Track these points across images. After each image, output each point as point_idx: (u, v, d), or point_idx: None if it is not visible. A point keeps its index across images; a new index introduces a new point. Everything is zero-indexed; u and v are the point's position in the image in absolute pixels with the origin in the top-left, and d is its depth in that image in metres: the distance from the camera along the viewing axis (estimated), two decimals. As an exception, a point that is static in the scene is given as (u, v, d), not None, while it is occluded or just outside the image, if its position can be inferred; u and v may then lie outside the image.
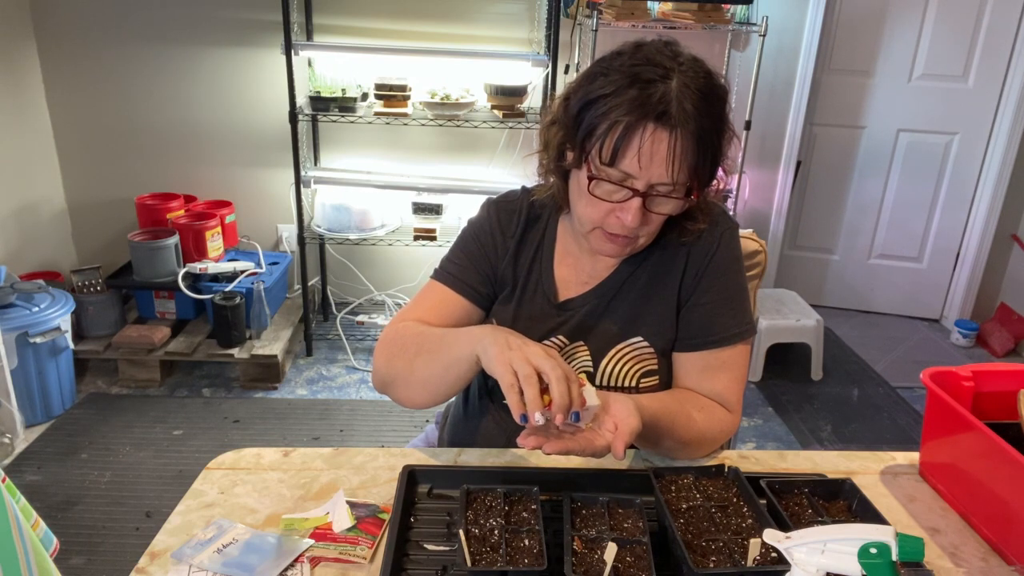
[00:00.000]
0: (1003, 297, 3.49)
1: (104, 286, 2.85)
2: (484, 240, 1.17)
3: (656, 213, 1.00)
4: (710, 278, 1.10)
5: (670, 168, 0.94)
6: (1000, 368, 1.04)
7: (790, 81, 3.29)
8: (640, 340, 1.12)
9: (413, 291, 3.40)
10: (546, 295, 1.15)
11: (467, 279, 1.15)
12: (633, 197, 0.97)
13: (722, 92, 0.97)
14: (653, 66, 0.94)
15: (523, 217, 1.17)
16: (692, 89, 0.93)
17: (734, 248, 1.13)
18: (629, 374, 1.12)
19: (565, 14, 2.96)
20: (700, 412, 1.07)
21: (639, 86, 0.93)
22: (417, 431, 2.59)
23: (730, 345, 1.09)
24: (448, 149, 3.22)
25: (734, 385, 1.11)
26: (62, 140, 3.14)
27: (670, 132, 0.92)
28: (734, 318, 1.10)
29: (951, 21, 3.21)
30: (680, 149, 0.93)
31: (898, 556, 0.69)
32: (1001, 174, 3.31)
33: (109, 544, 2.01)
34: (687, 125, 0.93)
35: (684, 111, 0.92)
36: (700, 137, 0.94)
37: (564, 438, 0.88)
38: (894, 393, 2.99)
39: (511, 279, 1.16)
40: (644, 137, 0.93)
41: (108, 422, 2.56)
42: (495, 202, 1.19)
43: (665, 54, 0.96)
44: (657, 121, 0.92)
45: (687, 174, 0.95)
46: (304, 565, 0.85)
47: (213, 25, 3.02)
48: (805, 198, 3.59)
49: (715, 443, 1.09)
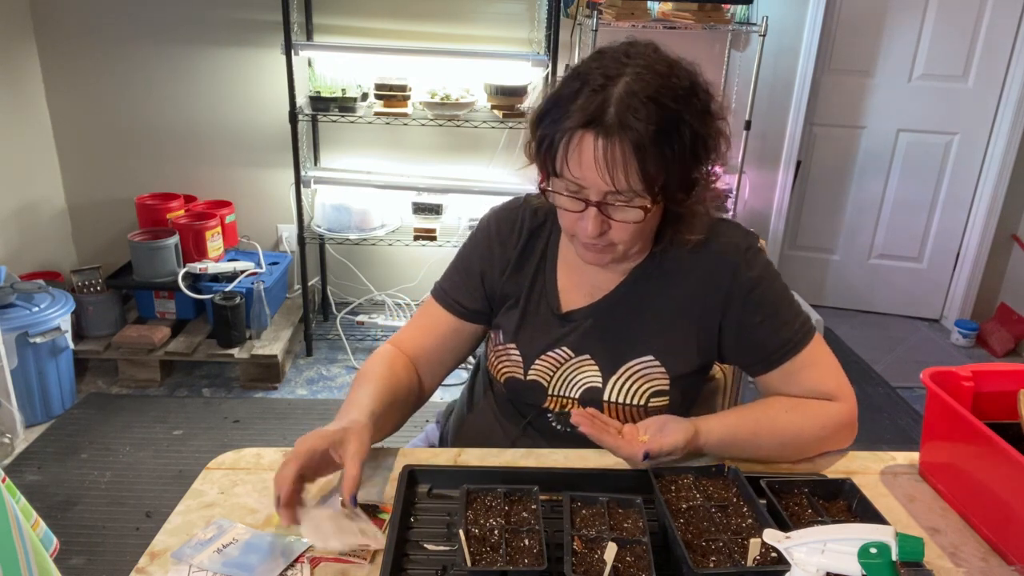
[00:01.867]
0: (1003, 297, 3.49)
1: (104, 286, 2.85)
2: (483, 254, 1.16)
3: (618, 221, 0.97)
4: (753, 298, 1.07)
5: (609, 176, 0.91)
6: (1000, 368, 1.04)
7: (790, 81, 3.29)
8: (651, 359, 1.10)
9: (413, 291, 3.40)
10: (550, 305, 1.14)
11: (458, 297, 1.16)
12: (587, 207, 0.96)
13: (680, 91, 0.93)
14: (602, 71, 0.92)
15: (525, 227, 1.15)
16: (638, 92, 0.90)
17: (762, 260, 1.09)
18: (638, 393, 1.10)
19: (565, 14, 2.96)
20: (790, 412, 1.05)
21: (585, 93, 0.91)
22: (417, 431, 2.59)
23: (798, 352, 1.07)
24: (448, 149, 3.22)
25: (824, 377, 1.07)
26: (62, 140, 3.14)
27: (606, 139, 0.90)
28: (791, 326, 1.07)
29: (951, 21, 3.21)
30: (619, 156, 0.90)
31: (898, 556, 0.69)
32: (1001, 174, 3.31)
33: (109, 544, 2.01)
34: (624, 132, 0.89)
35: (622, 117, 0.89)
36: (640, 144, 0.90)
37: (606, 432, 0.98)
38: (894, 393, 2.99)
39: (515, 290, 1.15)
40: (582, 145, 0.91)
41: (108, 422, 2.56)
42: (495, 213, 1.18)
43: (620, 57, 0.94)
44: (590, 128, 0.90)
45: (639, 180, 0.92)
46: (304, 565, 0.85)
47: (213, 25, 3.02)
48: (805, 198, 3.59)
49: (829, 437, 1.06)
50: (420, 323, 1.18)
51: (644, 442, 0.97)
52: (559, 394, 1.14)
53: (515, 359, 1.15)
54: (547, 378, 1.14)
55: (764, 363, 1.09)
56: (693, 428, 0.99)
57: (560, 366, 1.13)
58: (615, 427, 1.03)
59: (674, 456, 0.97)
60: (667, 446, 0.96)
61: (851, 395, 1.08)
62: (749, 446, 1.03)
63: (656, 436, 0.97)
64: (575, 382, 1.13)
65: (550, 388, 1.14)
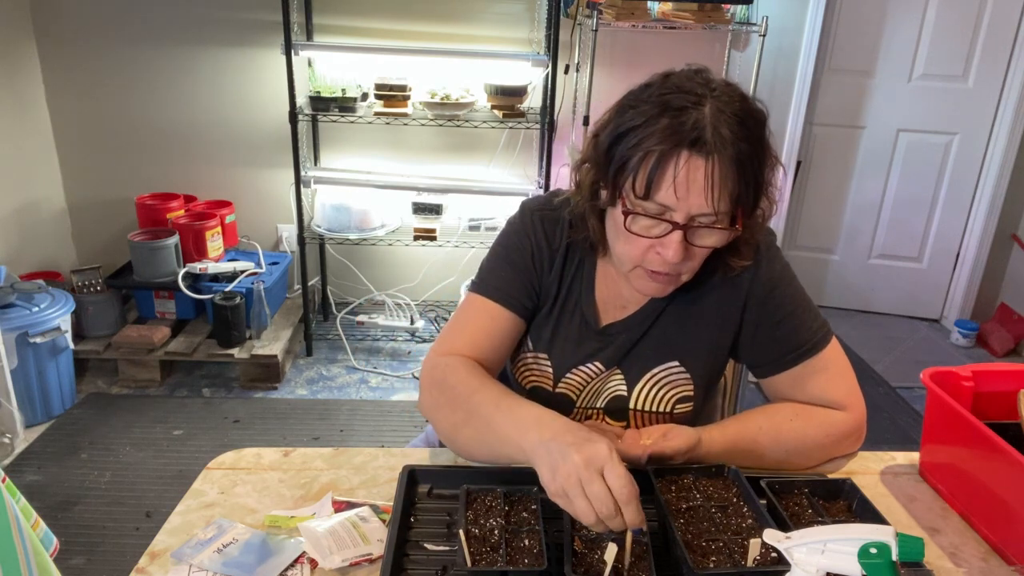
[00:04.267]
0: (1003, 297, 3.49)
1: (104, 286, 2.85)
2: (531, 250, 1.10)
3: (699, 247, 0.95)
4: (775, 296, 1.06)
5: (709, 196, 0.89)
6: (1000, 368, 1.04)
7: (790, 81, 3.29)
8: (676, 365, 1.09)
9: (413, 291, 3.40)
10: (585, 318, 1.11)
11: (514, 292, 1.09)
12: (673, 231, 0.92)
13: (760, 116, 0.93)
14: (684, 93, 0.90)
15: (566, 230, 1.10)
16: (727, 113, 0.89)
17: (781, 258, 1.08)
18: (664, 400, 1.09)
19: (565, 14, 2.96)
20: (795, 420, 1.04)
21: (671, 114, 0.89)
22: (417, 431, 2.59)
23: (814, 354, 1.06)
24: (448, 149, 3.22)
25: (833, 384, 1.06)
26: (62, 140, 3.14)
27: (706, 159, 0.88)
28: (810, 328, 1.06)
29: (951, 21, 3.21)
30: (719, 176, 0.88)
31: (898, 556, 0.69)
32: (1001, 174, 3.31)
33: (109, 544, 2.01)
34: (724, 151, 0.88)
35: (720, 136, 0.88)
36: (739, 162, 0.89)
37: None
38: (894, 393, 2.99)
39: (552, 294, 1.11)
40: (679, 166, 0.88)
41: (108, 422, 2.56)
42: (536, 210, 1.12)
43: (696, 81, 0.92)
44: (692, 148, 0.88)
45: (728, 202, 0.90)
46: (304, 565, 0.85)
47: (213, 25, 3.02)
48: (805, 198, 3.59)
49: (833, 445, 1.05)
50: (477, 325, 1.08)
51: (646, 446, 0.97)
52: (585, 405, 1.14)
53: (545, 370, 1.13)
54: (576, 392, 1.13)
55: (777, 364, 1.07)
56: (696, 436, 0.99)
57: (591, 381, 1.12)
58: (614, 432, 1.03)
59: (675, 461, 0.97)
60: (669, 450, 0.96)
61: (860, 403, 1.07)
62: (753, 455, 1.02)
63: (659, 441, 0.97)
64: (602, 393, 1.12)
65: (578, 401, 1.13)
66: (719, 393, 1.33)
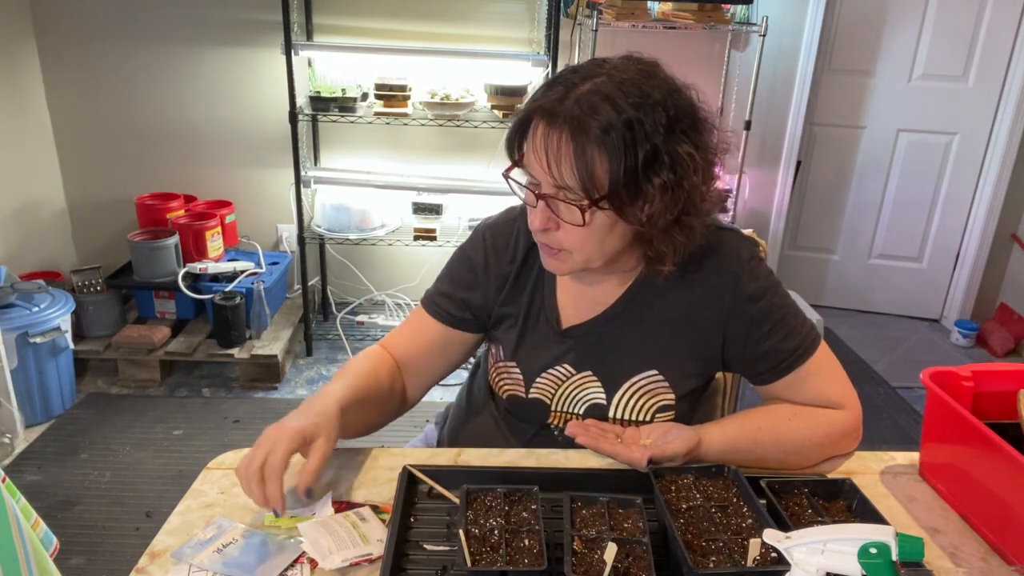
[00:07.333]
0: (1003, 297, 3.49)
1: (104, 286, 2.85)
2: (475, 266, 1.14)
3: (566, 222, 0.95)
4: (759, 309, 1.05)
5: (546, 163, 0.92)
6: (1000, 368, 1.04)
7: (790, 81, 3.29)
8: (655, 373, 1.08)
9: (413, 291, 3.40)
10: (549, 321, 1.12)
11: (444, 304, 1.14)
12: (538, 201, 0.96)
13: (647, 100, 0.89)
14: (574, 72, 0.94)
15: (521, 242, 1.12)
16: (600, 90, 0.89)
17: (764, 269, 1.07)
18: (643, 409, 1.09)
19: (565, 14, 2.96)
20: (793, 419, 1.04)
21: (545, 88, 0.95)
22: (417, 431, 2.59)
23: (806, 360, 1.05)
24: (448, 149, 3.22)
25: (828, 385, 1.07)
26: (62, 140, 3.14)
27: (549, 126, 0.91)
28: (798, 334, 1.06)
29: (951, 21, 3.21)
30: (556, 145, 0.90)
31: (898, 556, 0.69)
32: (1001, 174, 3.31)
33: (109, 544, 2.01)
34: (568, 122, 0.89)
35: (572, 109, 0.89)
36: (581, 136, 0.88)
37: (603, 440, 1.01)
38: (894, 393, 2.99)
39: (513, 308, 1.13)
40: (536, 135, 0.93)
41: (108, 422, 2.56)
42: (488, 227, 1.16)
43: (605, 62, 0.95)
44: (544, 118, 0.92)
45: (575, 177, 0.90)
46: (304, 565, 0.85)
47: (213, 25, 3.02)
48: (805, 198, 3.59)
49: (832, 444, 1.06)
50: (409, 329, 1.17)
51: (646, 447, 0.97)
52: (563, 410, 1.13)
53: (516, 377, 1.14)
54: (549, 396, 1.13)
55: (772, 372, 1.07)
56: (696, 437, 0.99)
57: (562, 383, 1.12)
58: (614, 432, 1.03)
59: (674, 463, 0.97)
60: (669, 452, 0.96)
61: (856, 402, 1.08)
62: (752, 455, 1.03)
63: (659, 442, 0.98)
64: (578, 399, 1.12)
65: (553, 404, 1.13)
66: (719, 393, 1.33)
